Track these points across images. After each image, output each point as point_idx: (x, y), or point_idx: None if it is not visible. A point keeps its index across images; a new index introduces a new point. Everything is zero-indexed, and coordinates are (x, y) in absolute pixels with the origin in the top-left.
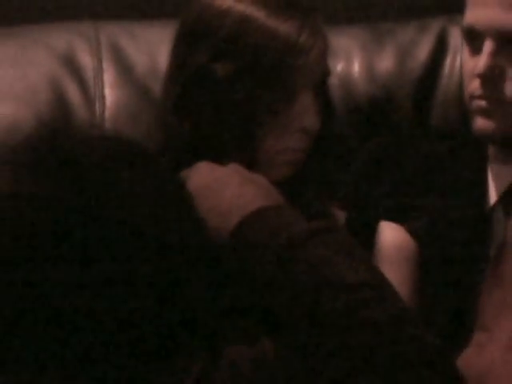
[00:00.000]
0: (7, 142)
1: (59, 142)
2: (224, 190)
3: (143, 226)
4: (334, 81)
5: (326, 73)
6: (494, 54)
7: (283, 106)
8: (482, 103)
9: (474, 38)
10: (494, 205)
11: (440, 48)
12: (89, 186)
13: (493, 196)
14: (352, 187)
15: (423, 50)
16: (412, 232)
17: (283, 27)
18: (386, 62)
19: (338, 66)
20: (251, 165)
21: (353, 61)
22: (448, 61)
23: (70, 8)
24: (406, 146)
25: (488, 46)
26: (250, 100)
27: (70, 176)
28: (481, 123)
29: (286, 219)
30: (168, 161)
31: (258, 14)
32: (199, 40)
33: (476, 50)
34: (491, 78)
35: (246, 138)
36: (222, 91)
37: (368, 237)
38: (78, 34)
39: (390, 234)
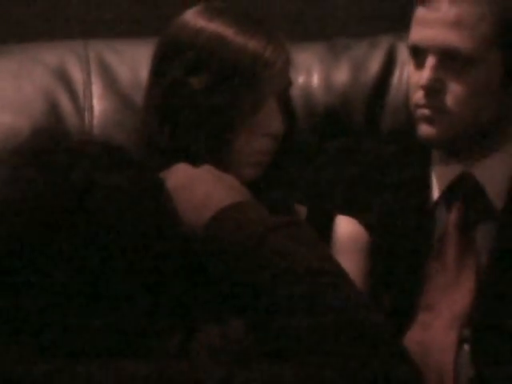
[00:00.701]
0: (6, 148)
1: (51, 147)
2: (198, 187)
3: (123, 219)
4: (295, 91)
5: (288, 83)
6: (436, 68)
7: (252, 113)
8: (426, 111)
9: (418, 54)
10: (437, 201)
11: (389, 62)
12: (75, 185)
13: (436, 193)
14: (312, 185)
15: (374, 64)
16: (365, 225)
17: (251, 43)
18: (341, 75)
19: (300, 78)
20: (223, 167)
21: (312, 73)
22: (396, 74)
23: (62, 27)
24: (360, 148)
25: (430, 61)
26: (223, 108)
27: (58, 177)
28: (424, 129)
29: (253, 214)
30: (149, 163)
31: (228, 32)
32: (176, 56)
33: (420, 64)
34: (433, 90)
35: (219, 142)
36: (197, 101)
37: (326, 230)
38: (69, 51)
39: (346, 227)
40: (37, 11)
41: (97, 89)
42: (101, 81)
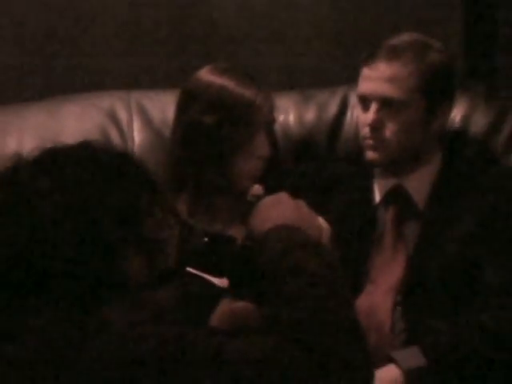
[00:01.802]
0: None
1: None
2: (275, 208)
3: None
4: (277, 126)
5: (273, 120)
6: (377, 111)
7: (248, 141)
8: (370, 142)
9: (364, 101)
10: (378, 204)
11: (344, 106)
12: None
13: (377, 198)
14: (290, 192)
15: (333, 107)
16: (328, 221)
17: (247, 93)
18: (309, 115)
19: (280, 117)
20: (230, 180)
21: (289, 113)
22: (349, 115)
23: (113, 81)
24: (323, 167)
25: (373, 107)
26: (229, 137)
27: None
28: (369, 154)
29: (290, 235)
30: (171, 182)
31: (231, 84)
32: (194, 101)
33: (366, 108)
34: (375, 127)
35: (225, 164)
36: (210, 133)
37: None
38: (118, 99)
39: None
40: (94, 68)
41: (137, 126)
42: (140, 120)
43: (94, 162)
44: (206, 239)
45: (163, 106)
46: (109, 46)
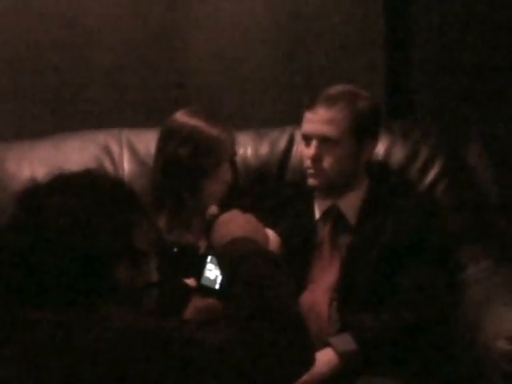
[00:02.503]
0: None
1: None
2: (231, 223)
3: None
4: (237, 158)
5: (234, 153)
6: (317, 147)
7: (215, 170)
8: (312, 171)
9: (306, 139)
10: (318, 220)
11: (291, 142)
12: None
13: (317, 215)
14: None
15: (282, 143)
16: (278, 234)
17: (214, 130)
18: (263, 148)
19: (240, 150)
20: (201, 203)
21: (247, 147)
22: (295, 149)
23: (106, 121)
24: (274, 191)
25: (314, 143)
26: (200, 167)
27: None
28: (311, 181)
29: (247, 246)
30: (153, 203)
31: (201, 123)
32: (171, 138)
33: (308, 144)
34: (315, 160)
35: (197, 189)
36: (184, 163)
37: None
38: (111, 135)
39: (271, 235)
40: (90, 109)
41: (126, 158)
42: (129, 153)
43: (94, 185)
44: (175, 249)
45: (148, 141)
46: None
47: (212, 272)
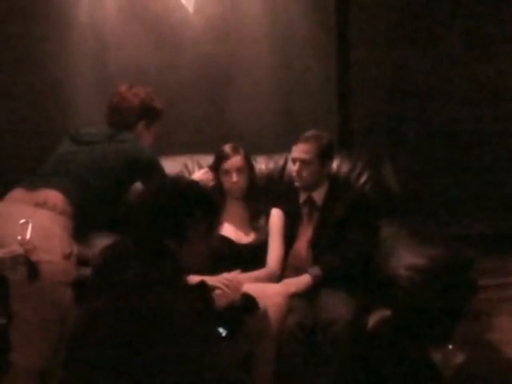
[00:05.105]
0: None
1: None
2: None
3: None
4: (256, 170)
5: (253, 168)
6: (299, 166)
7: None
8: (297, 178)
9: (293, 161)
10: (301, 204)
11: (286, 161)
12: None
13: (301, 201)
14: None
15: (281, 162)
16: (282, 211)
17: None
18: (271, 165)
19: (257, 166)
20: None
21: (262, 164)
22: (288, 166)
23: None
24: (276, 188)
25: (297, 164)
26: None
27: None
28: (296, 184)
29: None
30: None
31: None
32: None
33: (294, 164)
34: (299, 172)
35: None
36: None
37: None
38: (188, 158)
39: (277, 213)
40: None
41: (195, 170)
42: (196, 168)
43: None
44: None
45: (201, 162)
46: None
47: None
